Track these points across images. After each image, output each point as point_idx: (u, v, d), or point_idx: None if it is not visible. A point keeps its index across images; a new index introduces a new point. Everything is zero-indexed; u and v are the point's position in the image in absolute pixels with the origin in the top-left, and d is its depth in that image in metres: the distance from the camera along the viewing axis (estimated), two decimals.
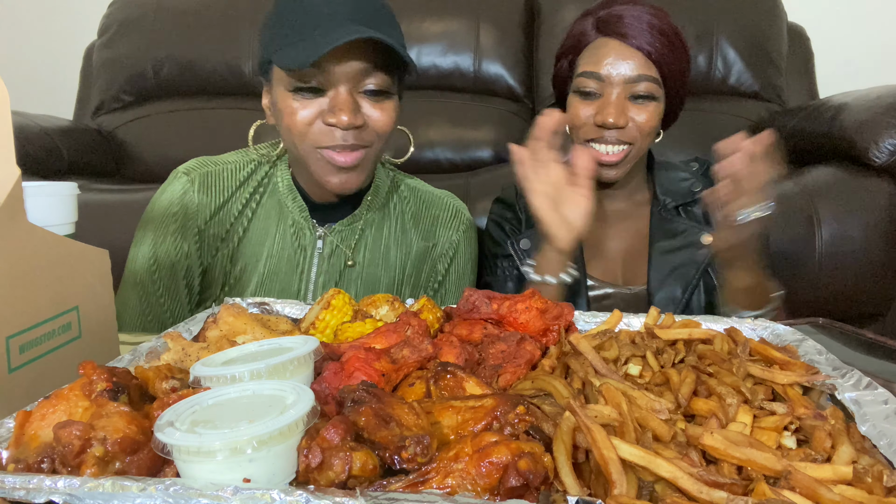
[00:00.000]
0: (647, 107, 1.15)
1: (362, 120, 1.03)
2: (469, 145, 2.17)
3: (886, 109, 1.57)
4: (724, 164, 0.97)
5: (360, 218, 1.19)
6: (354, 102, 1.02)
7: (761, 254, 1.07)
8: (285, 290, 1.15)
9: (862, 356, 0.78)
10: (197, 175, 1.15)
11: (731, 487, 0.46)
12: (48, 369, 0.70)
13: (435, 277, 1.25)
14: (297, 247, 1.16)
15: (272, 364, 0.59)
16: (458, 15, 2.25)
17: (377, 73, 1.02)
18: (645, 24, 1.13)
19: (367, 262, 1.19)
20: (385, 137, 1.08)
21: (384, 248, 1.20)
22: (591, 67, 1.16)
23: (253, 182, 1.18)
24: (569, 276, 1.09)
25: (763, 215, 0.99)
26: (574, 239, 1.06)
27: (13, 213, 0.66)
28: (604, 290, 1.28)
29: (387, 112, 1.06)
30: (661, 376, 0.65)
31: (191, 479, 0.47)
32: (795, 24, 2.29)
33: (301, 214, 1.17)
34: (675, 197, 1.26)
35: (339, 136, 1.03)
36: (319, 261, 1.17)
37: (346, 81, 1.01)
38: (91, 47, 2.45)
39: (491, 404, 0.54)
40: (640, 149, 1.19)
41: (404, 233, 1.23)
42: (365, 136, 1.05)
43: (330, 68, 1.00)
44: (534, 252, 1.26)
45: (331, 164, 1.05)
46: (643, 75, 1.13)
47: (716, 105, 2.17)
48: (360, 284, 1.18)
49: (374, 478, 0.48)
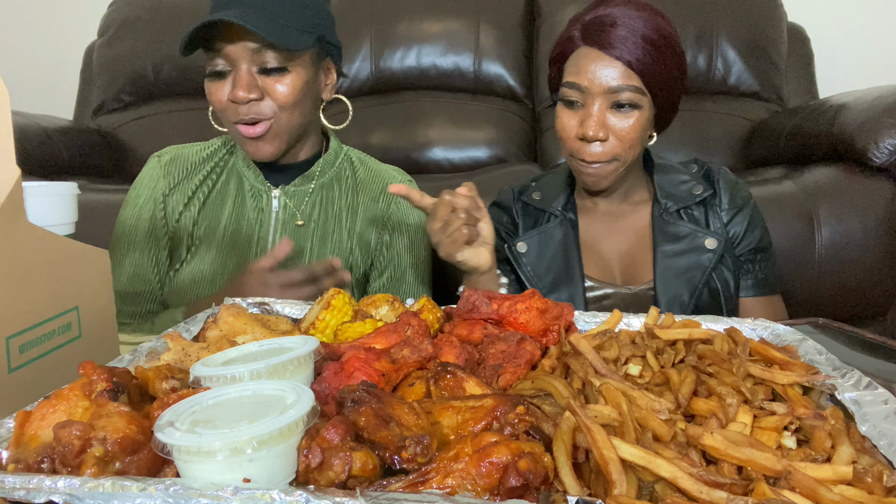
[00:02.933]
0: (630, 115, 1.13)
1: (259, 93, 1.13)
2: (469, 145, 2.17)
3: (886, 109, 1.57)
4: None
5: (311, 179, 1.29)
6: (250, 78, 1.13)
7: None
8: (245, 248, 1.25)
9: (862, 356, 0.78)
10: (166, 153, 1.32)
11: (731, 487, 0.46)
12: (48, 369, 0.70)
13: (384, 236, 1.33)
14: (255, 207, 1.28)
15: (272, 364, 0.59)
16: (458, 15, 2.25)
17: (267, 50, 1.11)
18: (629, 32, 1.11)
19: (321, 221, 1.28)
20: (287, 108, 1.16)
21: (336, 208, 1.30)
22: (573, 78, 1.15)
23: (214, 158, 1.31)
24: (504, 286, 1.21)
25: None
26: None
27: (13, 213, 0.66)
28: (603, 290, 1.28)
29: (285, 85, 1.15)
30: (661, 376, 0.65)
31: (191, 479, 0.47)
32: (795, 24, 2.29)
33: (257, 179, 1.28)
34: (677, 201, 1.25)
35: (242, 111, 1.14)
36: (276, 220, 1.27)
37: (243, 61, 1.12)
38: (91, 47, 2.44)
39: (491, 404, 0.54)
40: (624, 161, 1.17)
41: (355, 195, 1.32)
42: (263, 108, 1.15)
43: (223, 51, 1.12)
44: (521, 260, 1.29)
45: (242, 136, 1.17)
46: (624, 85, 1.11)
47: (716, 105, 2.17)
48: (314, 241, 1.28)
49: (374, 478, 0.48)
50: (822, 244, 1.57)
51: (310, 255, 1.26)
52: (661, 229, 1.25)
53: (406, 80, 2.25)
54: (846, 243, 1.56)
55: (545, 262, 1.29)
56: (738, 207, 1.24)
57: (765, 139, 2.01)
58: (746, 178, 1.78)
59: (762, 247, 1.25)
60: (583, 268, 1.27)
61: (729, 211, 1.24)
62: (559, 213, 1.30)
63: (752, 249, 1.24)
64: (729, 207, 1.24)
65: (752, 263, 1.25)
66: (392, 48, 2.23)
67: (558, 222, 1.30)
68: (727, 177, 1.28)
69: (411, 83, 2.25)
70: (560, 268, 1.28)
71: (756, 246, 1.25)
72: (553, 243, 1.30)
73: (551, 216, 1.32)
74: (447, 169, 2.13)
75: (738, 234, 1.24)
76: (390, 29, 2.23)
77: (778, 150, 1.91)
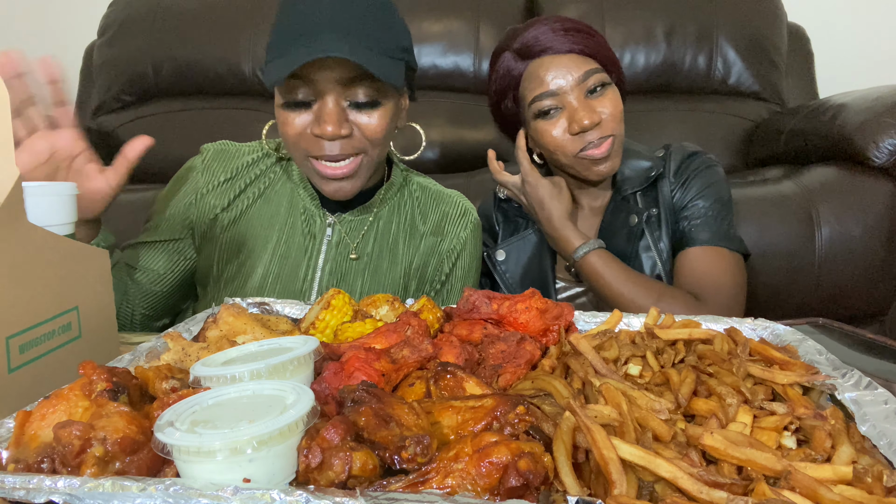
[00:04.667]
0: (607, 94, 1.18)
1: (349, 129, 1.04)
2: (469, 145, 2.17)
3: (886, 109, 1.57)
4: None
5: (371, 210, 1.21)
6: (340, 112, 1.02)
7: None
8: (293, 274, 1.17)
9: (862, 356, 0.78)
10: (211, 148, 1.23)
11: (731, 487, 0.46)
12: (48, 369, 0.70)
13: (441, 272, 1.26)
14: (307, 233, 1.18)
15: (272, 364, 0.59)
16: (458, 15, 2.25)
17: (362, 82, 1.02)
18: (559, 31, 1.17)
19: (375, 255, 1.20)
20: (378, 143, 1.08)
21: (392, 241, 1.22)
22: (539, 90, 1.17)
23: (261, 165, 1.22)
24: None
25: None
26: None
27: (13, 213, 0.66)
28: (574, 289, 1.29)
29: (376, 119, 1.05)
30: (661, 376, 0.65)
31: (191, 479, 0.47)
32: (795, 24, 2.29)
33: (312, 203, 1.19)
34: (633, 184, 1.26)
35: (326, 147, 1.04)
36: (328, 248, 1.18)
37: (330, 92, 1.01)
38: (91, 47, 2.44)
39: (491, 404, 0.54)
40: (620, 135, 1.20)
41: (413, 227, 1.24)
42: (355, 144, 1.06)
43: (312, 80, 1.00)
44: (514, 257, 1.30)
45: (322, 176, 1.08)
46: (587, 71, 1.16)
47: (716, 105, 2.16)
48: (366, 276, 1.19)
49: (374, 478, 0.48)
50: (822, 244, 1.56)
51: (362, 290, 1.18)
52: (611, 221, 1.27)
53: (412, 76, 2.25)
54: (846, 243, 1.56)
55: (521, 268, 1.32)
56: (686, 177, 1.25)
57: (765, 139, 2.01)
58: (746, 177, 1.78)
59: (712, 203, 1.24)
60: (555, 270, 1.30)
61: (675, 181, 1.25)
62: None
63: (700, 206, 1.23)
64: (675, 179, 1.26)
65: (699, 218, 1.24)
66: None
67: (536, 227, 1.32)
68: (680, 151, 1.29)
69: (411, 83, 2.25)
70: (535, 273, 1.30)
71: (705, 203, 1.23)
72: (529, 248, 1.32)
73: (529, 222, 1.33)
74: (447, 169, 2.13)
75: (684, 199, 1.24)
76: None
77: (778, 150, 1.91)
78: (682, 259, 1.22)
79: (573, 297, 1.29)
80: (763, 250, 1.53)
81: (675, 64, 2.16)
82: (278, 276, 1.17)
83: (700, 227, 1.21)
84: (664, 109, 2.13)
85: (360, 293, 1.18)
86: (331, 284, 1.17)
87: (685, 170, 1.25)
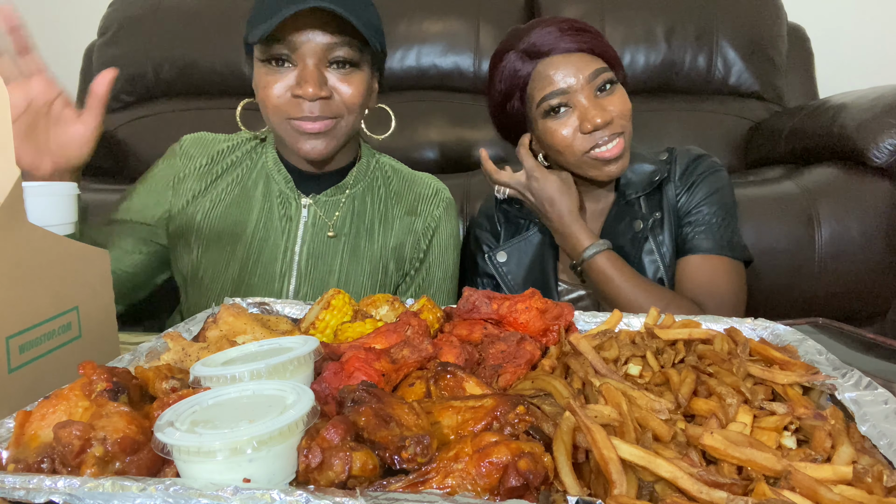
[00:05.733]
0: (616, 93, 1.17)
1: (328, 92, 1.08)
2: (469, 145, 2.17)
3: (886, 109, 1.56)
4: None
5: (345, 190, 1.24)
6: (321, 75, 1.07)
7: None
8: (272, 257, 1.20)
9: (862, 356, 0.78)
10: (189, 137, 1.28)
11: (731, 487, 0.46)
12: (48, 369, 0.70)
13: (419, 250, 1.28)
14: (283, 215, 1.21)
15: (272, 364, 0.59)
16: (458, 15, 2.25)
17: (342, 45, 1.07)
18: (566, 31, 1.16)
19: (353, 234, 1.23)
20: (354, 110, 1.13)
21: (368, 221, 1.25)
22: (549, 89, 1.16)
23: (238, 152, 1.26)
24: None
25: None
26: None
27: (13, 213, 0.66)
28: (576, 291, 1.29)
29: (354, 85, 1.10)
30: (661, 376, 0.65)
31: (191, 479, 0.47)
32: (795, 24, 2.29)
33: (287, 185, 1.22)
34: (637, 188, 1.26)
35: (306, 108, 1.08)
36: (304, 230, 1.21)
37: (312, 54, 1.06)
38: (91, 47, 2.44)
39: (491, 404, 0.54)
40: (630, 134, 1.20)
41: (388, 208, 1.28)
42: (332, 107, 1.10)
43: (295, 40, 1.05)
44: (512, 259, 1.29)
45: (300, 132, 1.11)
46: (596, 69, 1.15)
47: (716, 105, 2.16)
48: (344, 255, 1.22)
49: (374, 478, 0.48)
50: (822, 244, 1.56)
51: (340, 269, 1.21)
52: (612, 225, 1.26)
53: (406, 80, 2.25)
54: (846, 243, 1.56)
55: (523, 269, 1.31)
56: (692, 181, 1.24)
57: (765, 139, 2.01)
58: (746, 177, 1.78)
59: (717, 210, 1.23)
60: (557, 271, 1.29)
61: (681, 185, 1.25)
62: (539, 220, 1.30)
63: (705, 213, 1.23)
64: (681, 182, 1.25)
65: (703, 225, 1.23)
66: (392, 48, 2.22)
67: (538, 228, 1.32)
68: (686, 154, 1.28)
69: (411, 83, 2.25)
70: (537, 274, 1.30)
71: (709, 210, 1.23)
72: (531, 250, 1.31)
73: (531, 223, 1.33)
74: (447, 169, 2.13)
75: (689, 204, 1.24)
76: (390, 29, 2.21)
77: (778, 150, 1.91)
78: (684, 266, 1.22)
79: (575, 300, 1.28)
80: (763, 250, 1.53)
81: (675, 64, 2.16)
82: (258, 259, 1.19)
83: (703, 235, 1.21)
84: (664, 109, 2.13)
85: (339, 272, 1.21)
86: (310, 265, 1.20)
87: (691, 173, 1.24)
